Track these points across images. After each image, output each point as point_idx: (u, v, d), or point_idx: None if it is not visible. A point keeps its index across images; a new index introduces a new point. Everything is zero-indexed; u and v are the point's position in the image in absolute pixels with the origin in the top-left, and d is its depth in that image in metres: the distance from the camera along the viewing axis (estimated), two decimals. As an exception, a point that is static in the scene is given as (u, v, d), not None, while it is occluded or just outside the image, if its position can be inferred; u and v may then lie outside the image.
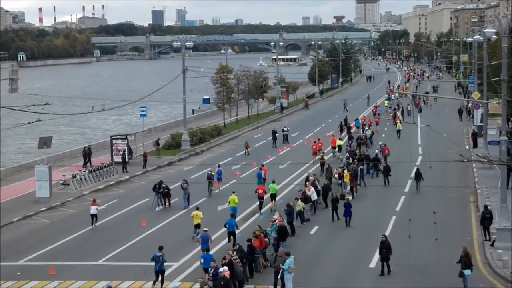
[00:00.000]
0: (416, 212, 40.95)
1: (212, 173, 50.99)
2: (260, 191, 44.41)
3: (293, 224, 38.93)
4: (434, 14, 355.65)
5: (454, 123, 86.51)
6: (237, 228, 37.45)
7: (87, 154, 61.76)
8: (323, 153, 60.28)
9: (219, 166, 53.86)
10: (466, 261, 30.54)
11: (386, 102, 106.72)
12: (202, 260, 31.50)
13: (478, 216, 41.42)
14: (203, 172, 54.18)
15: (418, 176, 49.53)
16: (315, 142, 64.84)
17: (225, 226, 37.20)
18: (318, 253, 36.15)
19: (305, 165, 58.29)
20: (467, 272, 30.40)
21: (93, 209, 42.28)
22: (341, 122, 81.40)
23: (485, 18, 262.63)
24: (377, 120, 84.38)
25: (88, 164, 60.54)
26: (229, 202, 42.50)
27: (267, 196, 44.98)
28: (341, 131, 77.94)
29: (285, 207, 39.59)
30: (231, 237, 36.61)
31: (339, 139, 68.20)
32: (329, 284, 31.25)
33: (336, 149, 64.62)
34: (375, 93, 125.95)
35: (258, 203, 44.63)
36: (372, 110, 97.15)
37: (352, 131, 76.41)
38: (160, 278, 30.96)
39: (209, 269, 28.95)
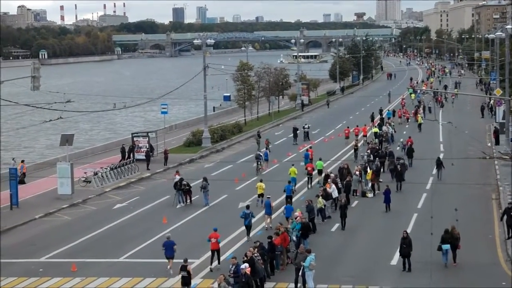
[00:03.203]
0: (437, 209, 40.78)
1: (261, 154, 57.73)
2: (309, 169, 51.22)
3: (314, 221, 38.91)
4: (455, 10, 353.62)
5: (475, 120, 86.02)
6: (294, 191, 45.59)
7: (129, 150, 62.16)
8: (357, 139, 64.98)
9: (267, 148, 63.06)
10: (445, 238, 32.63)
11: (413, 95, 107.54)
12: (284, 210, 40.08)
13: (500, 213, 41.22)
14: (224, 170, 54.69)
15: (439, 164, 52.17)
16: (347, 127, 73.53)
17: (284, 192, 43.94)
18: (339, 250, 36.08)
19: (327, 162, 58.16)
20: (445, 246, 32.53)
21: (177, 178, 47.32)
22: (373, 112, 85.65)
23: (507, 14, 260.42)
24: (406, 114, 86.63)
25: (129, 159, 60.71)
26: (290, 174, 48.79)
27: (314, 172, 51.87)
28: (372, 121, 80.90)
29: (306, 204, 39.57)
30: (289, 199, 43.16)
31: (375, 126, 74.27)
32: (350, 281, 31.12)
33: (367, 137, 70.16)
34: (396, 90, 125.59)
35: (306, 179, 50.98)
36: (401, 102, 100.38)
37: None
38: (248, 230, 37.38)
39: (230, 266, 28.96)
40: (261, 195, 44.06)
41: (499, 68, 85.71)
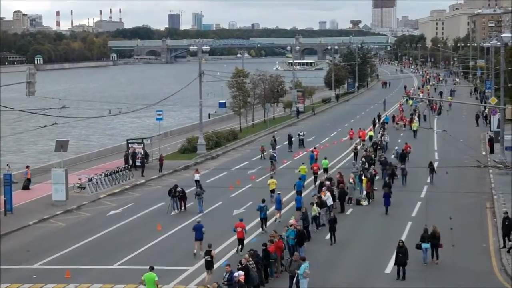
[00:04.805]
0: (432, 218, 40.73)
1: (274, 155, 61.57)
2: (315, 168, 54.65)
3: (308, 229, 38.88)
4: (451, 19, 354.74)
5: (470, 128, 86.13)
6: (303, 187, 48.33)
7: (132, 156, 61.94)
8: (356, 143, 67.96)
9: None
10: (424, 236, 33.95)
11: (411, 101, 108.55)
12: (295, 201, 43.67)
13: (494, 222, 41.26)
14: (219, 177, 54.72)
15: (431, 169, 53.93)
16: (351, 129, 77.37)
17: (294, 187, 47.39)
18: (333, 258, 36.03)
19: (321, 170, 58.11)
20: (425, 245, 33.83)
21: (197, 176, 51.65)
22: (374, 118, 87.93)
23: (502, 23, 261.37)
24: (404, 120, 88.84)
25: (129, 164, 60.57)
26: (299, 171, 52.52)
27: (320, 172, 55.20)
28: (374, 126, 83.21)
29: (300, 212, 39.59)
30: (299, 194, 46.02)
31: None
32: (345, 290, 31.17)
33: (367, 140, 73.51)
34: (391, 98, 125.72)
35: (312, 177, 53.87)
36: (399, 108, 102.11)
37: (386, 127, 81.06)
38: (264, 222, 40.48)
39: (224, 274, 28.90)
40: (272, 191, 47.15)
41: (494, 77, 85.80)
